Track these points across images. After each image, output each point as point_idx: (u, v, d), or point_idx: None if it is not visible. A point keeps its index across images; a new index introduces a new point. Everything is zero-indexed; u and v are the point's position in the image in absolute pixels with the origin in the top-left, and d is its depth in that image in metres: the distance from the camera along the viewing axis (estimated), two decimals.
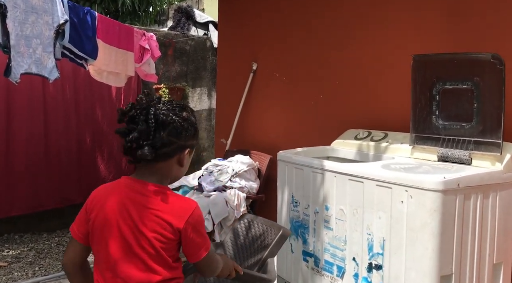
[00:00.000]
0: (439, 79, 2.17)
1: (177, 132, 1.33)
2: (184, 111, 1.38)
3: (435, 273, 1.75)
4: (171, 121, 1.32)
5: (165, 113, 1.32)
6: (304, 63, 3.36)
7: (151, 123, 1.29)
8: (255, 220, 2.11)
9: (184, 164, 1.41)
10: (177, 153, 1.36)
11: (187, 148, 1.38)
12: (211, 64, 5.67)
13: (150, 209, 1.32)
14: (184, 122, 1.35)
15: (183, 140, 1.36)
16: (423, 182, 1.77)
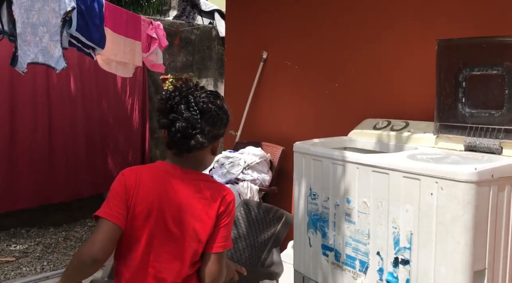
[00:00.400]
0: (466, 65, 2.07)
1: (213, 121, 1.31)
2: (218, 99, 1.35)
3: (467, 268, 1.66)
4: (209, 110, 1.29)
5: (205, 101, 1.29)
6: (317, 50, 3.26)
7: (194, 110, 1.26)
8: (251, 204, 2.02)
9: (216, 153, 1.39)
10: (212, 142, 1.34)
11: (220, 137, 1.36)
12: (217, 54, 5.56)
13: (194, 196, 1.28)
14: (220, 111, 1.33)
15: (217, 129, 1.34)
16: (455, 173, 1.67)
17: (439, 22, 2.47)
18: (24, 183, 4.10)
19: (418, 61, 2.54)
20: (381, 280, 1.98)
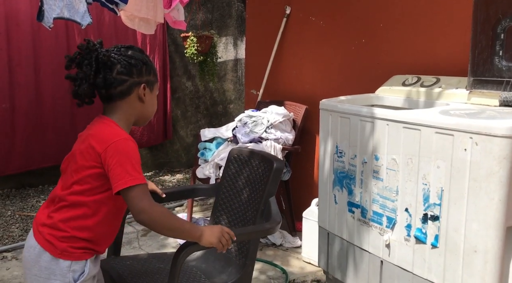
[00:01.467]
0: (506, 15, 1.96)
1: (126, 70, 1.42)
2: (130, 50, 1.46)
3: (501, 224, 1.64)
4: (116, 61, 1.41)
5: (107, 55, 1.41)
6: (344, 5, 3.14)
7: (92, 66, 1.38)
8: (241, 153, 2.02)
9: (145, 100, 1.47)
10: (133, 89, 1.44)
11: (142, 84, 1.45)
12: (237, 11, 5.43)
13: (88, 136, 1.43)
14: (131, 60, 1.43)
15: (136, 77, 1.43)
16: (491, 128, 1.62)
17: None
18: (49, 141, 4.18)
19: (451, 13, 2.42)
20: (408, 236, 1.98)
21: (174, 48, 5.09)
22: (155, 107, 1.56)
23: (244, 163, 1.97)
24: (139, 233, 3.37)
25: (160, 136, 5.03)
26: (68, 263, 1.37)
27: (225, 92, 5.61)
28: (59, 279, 1.36)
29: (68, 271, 1.37)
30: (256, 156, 1.90)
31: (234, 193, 1.99)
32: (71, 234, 1.38)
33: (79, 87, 1.40)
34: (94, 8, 3.69)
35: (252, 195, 1.87)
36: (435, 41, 2.56)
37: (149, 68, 1.48)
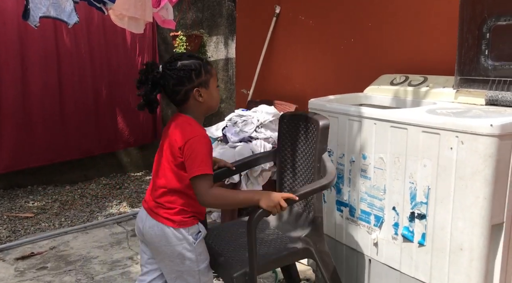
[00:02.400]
0: (492, 15, 1.98)
1: (178, 82, 1.70)
2: (179, 62, 1.71)
3: (486, 222, 1.66)
4: (170, 77, 1.69)
5: (159, 74, 1.70)
6: (333, 5, 3.14)
7: (149, 84, 1.71)
8: (287, 118, 2.15)
9: (203, 99, 1.73)
10: (189, 94, 1.71)
11: (195, 88, 1.71)
12: (228, 10, 5.41)
13: (172, 132, 1.72)
14: (180, 72, 1.69)
15: (187, 84, 1.70)
16: (477, 127, 1.64)
17: None
18: (37, 140, 4.14)
19: (438, 13, 2.44)
20: (396, 234, 1.99)
21: (164, 47, 5.07)
22: (217, 99, 1.82)
23: (294, 127, 2.11)
24: (128, 233, 3.35)
25: (149, 136, 5.00)
26: (187, 229, 1.72)
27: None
28: (185, 241, 1.71)
29: (188, 235, 1.72)
30: (302, 118, 2.04)
31: (290, 156, 2.12)
32: (179, 209, 1.71)
33: (146, 103, 1.74)
34: (82, 7, 3.66)
35: (307, 154, 2.01)
36: (423, 41, 2.57)
37: (197, 72, 1.72)
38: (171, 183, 1.71)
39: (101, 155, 4.73)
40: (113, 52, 4.62)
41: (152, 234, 1.74)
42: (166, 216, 1.71)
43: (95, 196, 4.24)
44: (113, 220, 3.58)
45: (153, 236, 1.73)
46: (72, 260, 2.92)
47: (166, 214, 1.72)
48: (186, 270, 1.74)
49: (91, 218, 3.66)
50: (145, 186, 4.59)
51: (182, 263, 1.73)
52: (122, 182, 4.68)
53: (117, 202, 4.06)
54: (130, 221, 3.62)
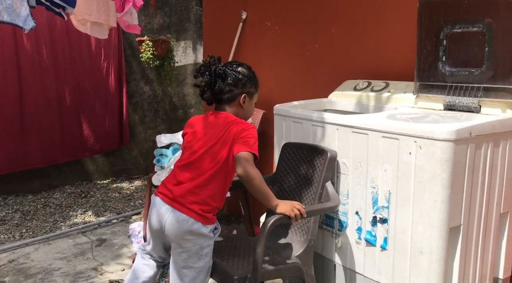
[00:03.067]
0: (447, 22, 2.03)
1: (233, 82, 1.88)
2: (240, 67, 1.93)
3: (444, 225, 1.69)
4: (228, 75, 1.87)
5: (222, 69, 1.88)
6: (297, 10, 3.16)
7: (212, 77, 1.86)
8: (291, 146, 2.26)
9: (244, 106, 1.93)
10: (236, 98, 1.90)
11: (244, 94, 1.91)
12: (196, 15, 5.38)
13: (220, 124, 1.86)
14: (238, 74, 1.90)
15: (240, 88, 1.90)
16: (434, 132, 1.67)
17: None
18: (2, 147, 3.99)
19: (399, 20, 2.49)
20: (359, 239, 2.01)
21: (130, 52, 4.99)
22: (252, 112, 2.05)
23: (299, 155, 2.20)
24: (93, 243, 3.26)
25: (115, 142, 4.90)
26: (212, 226, 1.85)
27: (185, 97, 5.55)
28: (206, 237, 1.83)
29: (210, 232, 1.85)
30: (308, 147, 2.17)
31: (292, 180, 2.20)
32: (212, 206, 1.84)
33: (204, 94, 1.91)
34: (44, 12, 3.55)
35: (309, 181, 2.10)
36: (385, 47, 2.62)
37: (251, 82, 1.94)
38: (212, 173, 1.81)
39: (66, 163, 4.61)
40: (78, 57, 4.51)
41: (180, 227, 1.80)
42: (200, 212, 1.80)
43: (59, 205, 4.11)
44: (78, 230, 3.48)
45: (181, 229, 1.80)
46: (32, 273, 2.81)
47: (201, 210, 1.80)
48: (199, 265, 1.84)
49: (54, 229, 3.55)
50: (111, 193, 4.49)
51: (199, 258, 1.83)
52: (87, 190, 4.56)
53: (82, 211, 3.95)
54: (96, 230, 3.53)
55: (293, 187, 2.18)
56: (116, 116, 4.87)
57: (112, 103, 4.82)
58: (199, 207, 1.81)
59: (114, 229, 3.56)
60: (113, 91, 4.80)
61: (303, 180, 2.14)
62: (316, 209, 1.95)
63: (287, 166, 2.26)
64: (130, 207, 4.09)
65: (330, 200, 1.96)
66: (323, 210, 1.98)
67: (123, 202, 4.22)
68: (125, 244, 3.25)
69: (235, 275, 1.82)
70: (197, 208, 1.80)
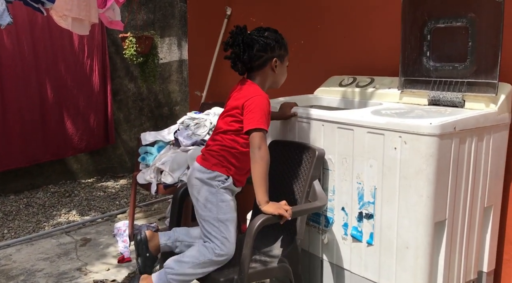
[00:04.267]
0: (431, 17, 2.03)
1: (262, 48, 1.88)
2: (267, 31, 1.91)
3: (429, 220, 1.69)
4: (256, 41, 1.87)
5: (249, 37, 1.87)
6: (283, 6, 3.14)
7: (240, 47, 1.86)
8: (280, 143, 2.22)
9: (276, 70, 1.94)
10: (267, 63, 1.91)
11: (274, 58, 1.91)
12: (180, 11, 5.33)
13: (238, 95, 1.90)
14: (266, 39, 1.88)
15: (269, 53, 1.90)
16: (419, 127, 1.67)
17: None
18: None
19: (384, 15, 2.48)
20: (345, 235, 2.01)
21: (114, 49, 4.92)
22: (285, 76, 2.03)
23: (284, 153, 2.17)
24: (77, 243, 3.21)
25: (101, 141, 4.84)
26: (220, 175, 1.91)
27: (170, 94, 5.50)
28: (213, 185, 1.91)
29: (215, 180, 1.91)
30: (295, 145, 2.15)
31: (278, 179, 2.15)
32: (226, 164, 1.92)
33: (235, 64, 1.91)
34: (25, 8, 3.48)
35: (296, 179, 2.08)
36: (369, 42, 2.62)
37: (280, 45, 1.93)
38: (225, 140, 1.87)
39: (49, 162, 4.53)
40: (60, 54, 4.43)
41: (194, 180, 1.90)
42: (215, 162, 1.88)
43: (42, 205, 4.04)
44: (61, 230, 3.42)
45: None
46: (14, 274, 2.76)
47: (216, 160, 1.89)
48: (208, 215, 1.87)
49: (37, 229, 3.49)
50: (96, 192, 4.43)
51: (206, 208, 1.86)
52: (71, 190, 4.50)
53: (66, 211, 3.89)
54: (80, 230, 3.48)
55: (280, 186, 2.16)
56: (101, 114, 4.80)
57: (97, 101, 4.75)
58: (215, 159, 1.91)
59: (99, 228, 3.51)
60: (97, 88, 4.73)
61: (290, 179, 2.11)
62: (303, 209, 1.94)
63: (274, 164, 2.22)
64: (115, 206, 4.04)
65: (318, 199, 1.94)
66: (310, 210, 1.96)
67: (108, 201, 4.17)
68: (110, 243, 3.20)
69: (221, 278, 1.78)
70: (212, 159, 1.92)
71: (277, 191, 2.16)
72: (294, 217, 1.85)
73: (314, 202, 1.94)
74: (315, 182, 1.99)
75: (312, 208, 1.93)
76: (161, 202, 4.06)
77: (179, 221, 2.09)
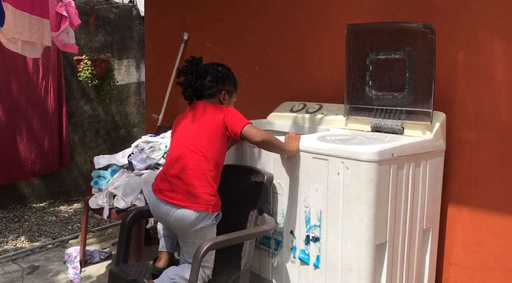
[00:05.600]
0: (373, 49, 2.16)
1: (214, 79, 2.02)
2: (220, 66, 2.07)
3: (370, 242, 1.77)
4: (209, 73, 2.02)
5: (203, 68, 2.03)
6: (238, 33, 3.24)
7: (193, 75, 2.01)
8: (231, 168, 2.23)
9: (224, 103, 2.05)
10: (217, 94, 2.04)
11: (223, 91, 2.05)
12: (139, 34, 5.34)
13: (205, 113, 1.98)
14: (219, 73, 2.04)
15: (220, 85, 2.04)
16: (359, 153, 1.76)
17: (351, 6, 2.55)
18: None
19: (333, 45, 2.61)
20: (294, 258, 2.05)
21: (70, 70, 4.85)
22: None
23: (236, 177, 2.21)
24: (24, 271, 3.09)
25: (55, 164, 4.71)
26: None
27: (127, 116, 5.45)
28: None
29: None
30: (246, 170, 2.20)
31: (229, 204, 2.11)
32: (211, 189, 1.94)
33: (186, 91, 2.05)
34: None
35: (246, 203, 2.10)
36: (319, 70, 2.73)
37: (230, 80, 2.09)
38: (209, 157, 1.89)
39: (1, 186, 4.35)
40: (13, 76, 4.32)
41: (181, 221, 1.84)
42: (202, 201, 1.84)
43: None
44: (7, 258, 3.28)
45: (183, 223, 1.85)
46: None
47: (202, 199, 1.84)
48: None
49: None
50: (48, 217, 4.29)
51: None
52: (21, 215, 4.33)
53: (14, 237, 3.74)
54: (28, 257, 3.35)
55: (230, 210, 2.18)
56: (55, 136, 4.69)
57: (51, 123, 4.64)
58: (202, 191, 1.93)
59: (49, 255, 3.39)
60: (52, 110, 4.63)
61: (241, 203, 2.14)
62: (251, 233, 1.96)
63: (224, 188, 2.25)
64: (67, 231, 3.92)
65: (266, 223, 1.98)
66: (258, 234, 2.00)
67: (60, 225, 4.04)
68: (60, 270, 3.10)
69: None
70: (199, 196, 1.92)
71: (228, 215, 2.18)
72: (242, 241, 1.88)
73: (262, 226, 1.98)
74: (264, 206, 2.03)
75: (259, 232, 1.96)
76: (115, 226, 3.98)
77: (127, 250, 2.06)
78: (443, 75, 2.10)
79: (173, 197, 1.84)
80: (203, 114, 1.98)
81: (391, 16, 2.31)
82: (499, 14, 1.99)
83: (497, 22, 1.99)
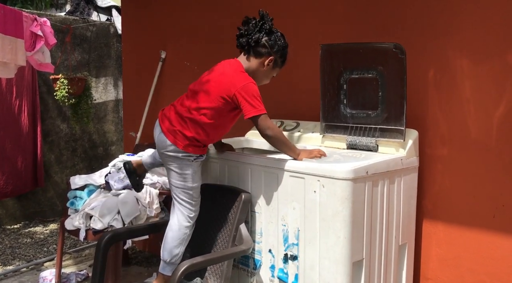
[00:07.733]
0: (346, 68, 2.21)
1: (272, 42, 2.03)
2: (284, 38, 2.08)
3: (347, 260, 1.78)
4: (272, 33, 2.03)
5: (269, 27, 2.03)
6: (215, 51, 3.26)
7: (257, 27, 2.02)
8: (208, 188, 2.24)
9: (264, 69, 2.07)
10: (265, 56, 2.04)
11: (272, 57, 2.04)
12: (116, 51, 5.33)
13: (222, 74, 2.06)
14: (279, 40, 2.05)
15: (274, 50, 2.04)
16: (334, 172, 1.78)
17: (325, 26, 2.60)
18: None
19: (309, 64, 2.65)
20: (273, 277, 2.05)
21: (46, 88, 4.79)
22: (267, 81, 2.16)
23: (214, 197, 2.21)
24: None
25: (29, 184, 4.60)
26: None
27: (105, 134, 5.39)
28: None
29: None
30: (224, 189, 2.21)
31: (206, 223, 2.17)
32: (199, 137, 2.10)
33: (241, 37, 2.06)
34: None
35: (224, 223, 2.12)
36: (295, 88, 2.77)
37: (283, 53, 2.08)
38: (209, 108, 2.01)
39: None
40: None
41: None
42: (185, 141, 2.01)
43: None
44: None
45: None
46: None
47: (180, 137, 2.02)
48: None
49: None
50: (22, 239, 4.17)
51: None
52: None
53: None
54: (0, 282, 3.24)
55: (208, 230, 2.19)
56: (29, 156, 4.60)
57: (25, 143, 4.55)
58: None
59: (22, 278, 3.29)
60: (26, 130, 4.55)
61: (218, 222, 2.15)
62: (229, 253, 1.97)
63: (202, 208, 2.25)
64: (43, 253, 3.82)
65: (243, 243, 1.98)
66: (236, 254, 2.00)
67: (35, 248, 3.94)
68: None
69: None
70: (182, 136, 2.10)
71: (205, 235, 2.18)
72: (220, 262, 1.87)
73: (239, 245, 1.97)
74: (242, 226, 2.04)
75: (237, 253, 1.96)
76: (92, 247, 3.90)
77: (103, 273, 2.03)
78: (415, 93, 2.16)
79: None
80: (219, 74, 2.05)
81: (364, 36, 2.37)
82: (463, 34, 2.07)
83: (462, 41, 2.07)
